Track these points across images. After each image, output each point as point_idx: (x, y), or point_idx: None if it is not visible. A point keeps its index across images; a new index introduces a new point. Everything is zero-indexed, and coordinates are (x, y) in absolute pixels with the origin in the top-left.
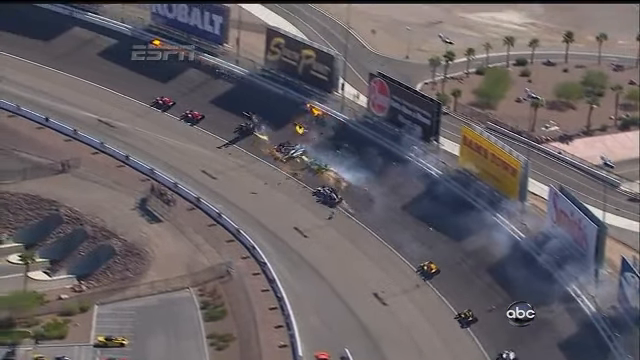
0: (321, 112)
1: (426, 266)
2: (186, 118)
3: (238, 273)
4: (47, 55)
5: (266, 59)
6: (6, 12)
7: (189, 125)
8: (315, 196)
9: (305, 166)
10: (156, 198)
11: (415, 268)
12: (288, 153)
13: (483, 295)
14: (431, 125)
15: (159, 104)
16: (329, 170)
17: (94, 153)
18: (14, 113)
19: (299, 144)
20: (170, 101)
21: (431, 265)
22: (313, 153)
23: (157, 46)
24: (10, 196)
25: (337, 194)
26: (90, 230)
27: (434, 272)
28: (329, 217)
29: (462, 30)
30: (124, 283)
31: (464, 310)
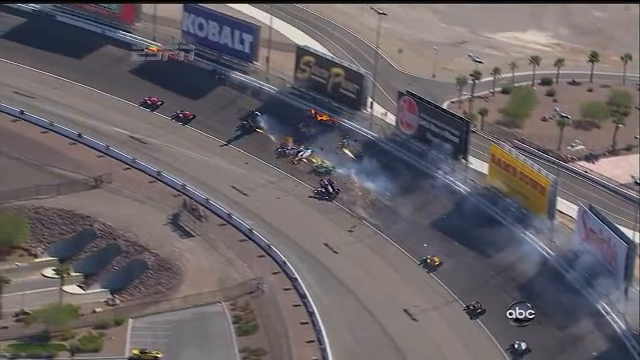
0: (326, 117)
1: (429, 259)
2: (177, 117)
3: (269, 288)
4: (79, 72)
5: (296, 77)
6: (40, 30)
7: (219, 144)
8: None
9: (312, 169)
10: (188, 213)
11: (446, 286)
12: (296, 155)
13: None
14: (459, 143)
15: (147, 104)
16: (336, 172)
17: (126, 169)
18: (47, 129)
19: (303, 145)
20: (158, 100)
21: (435, 258)
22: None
23: (153, 51)
24: (45, 211)
25: (334, 187)
26: (123, 245)
27: (437, 265)
28: (351, 229)
29: (487, 50)
30: (157, 297)
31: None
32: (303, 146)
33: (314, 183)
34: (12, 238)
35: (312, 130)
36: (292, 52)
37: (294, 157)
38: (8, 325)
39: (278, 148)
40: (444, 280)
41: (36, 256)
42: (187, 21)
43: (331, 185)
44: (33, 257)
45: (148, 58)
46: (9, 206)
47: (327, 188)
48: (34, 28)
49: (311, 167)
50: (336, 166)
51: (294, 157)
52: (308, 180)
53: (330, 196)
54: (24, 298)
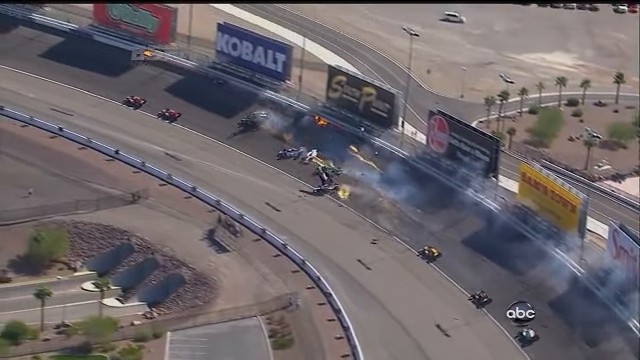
0: (325, 121)
1: (427, 250)
2: (163, 116)
3: (304, 303)
4: (115, 90)
5: (327, 96)
6: (77, 49)
7: (236, 152)
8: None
9: (317, 171)
10: (223, 229)
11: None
12: (299, 156)
13: (543, 328)
14: (490, 161)
15: (130, 102)
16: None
17: (162, 185)
18: (85, 146)
19: (303, 147)
20: (141, 99)
21: (432, 250)
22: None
23: (148, 56)
24: (84, 225)
25: (329, 175)
26: (160, 259)
27: (436, 255)
28: (374, 241)
29: (513, 70)
30: (194, 311)
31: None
32: (303, 148)
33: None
34: (52, 252)
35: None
36: (323, 71)
37: (303, 158)
38: (50, 337)
39: (279, 151)
40: (467, 289)
41: (75, 270)
42: (221, 41)
43: (325, 173)
44: (72, 271)
45: (144, 58)
46: (50, 221)
47: (322, 176)
48: (71, 47)
49: (317, 169)
50: (342, 168)
51: (303, 158)
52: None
53: (324, 183)
54: (64, 311)
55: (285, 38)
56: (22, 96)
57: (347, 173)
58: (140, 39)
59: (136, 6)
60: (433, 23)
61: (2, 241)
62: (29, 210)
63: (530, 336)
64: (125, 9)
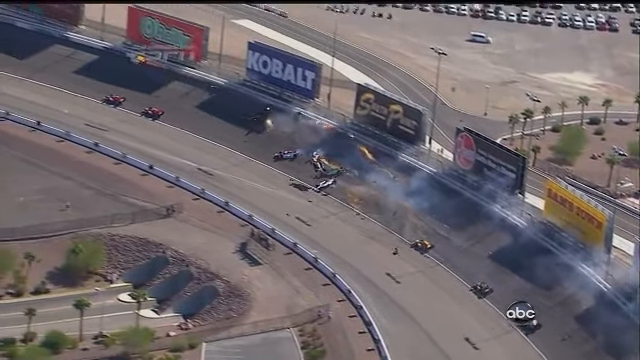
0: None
1: (420, 242)
2: (146, 114)
3: (336, 315)
4: (148, 106)
5: (356, 113)
6: (110, 67)
7: (269, 167)
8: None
9: (321, 173)
10: (256, 242)
11: (504, 315)
12: (295, 157)
13: (570, 341)
14: (516, 178)
15: (109, 101)
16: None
17: (195, 199)
18: (120, 161)
19: (299, 150)
20: (120, 98)
21: (425, 242)
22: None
23: (141, 61)
24: (120, 238)
25: (322, 164)
26: (195, 271)
27: (429, 247)
28: (394, 251)
29: (535, 89)
30: (228, 322)
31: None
32: (299, 149)
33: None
34: (90, 264)
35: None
36: (349, 89)
37: (312, 158)
38: (88, 347)
39: (275, 153)
40: (503, 310)
41: (112, 281)
42: (252, 59)
43: (320, 162)
44: (109, 282)
45: (138, 63)
46: (87, 233)
47: (316, 165)
48: (105, 64)
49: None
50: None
51: (312, 158)
52: (370, 211)
53: (317, 171)
54: (102, 321)
55: (313, 57)
56: (57, 112)
57: (374, 185)
58: (171, 56)
59: (168, 24)
60: (458, 43)
61: (41, 253)
62: (67, 223)
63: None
64: (158, 27)
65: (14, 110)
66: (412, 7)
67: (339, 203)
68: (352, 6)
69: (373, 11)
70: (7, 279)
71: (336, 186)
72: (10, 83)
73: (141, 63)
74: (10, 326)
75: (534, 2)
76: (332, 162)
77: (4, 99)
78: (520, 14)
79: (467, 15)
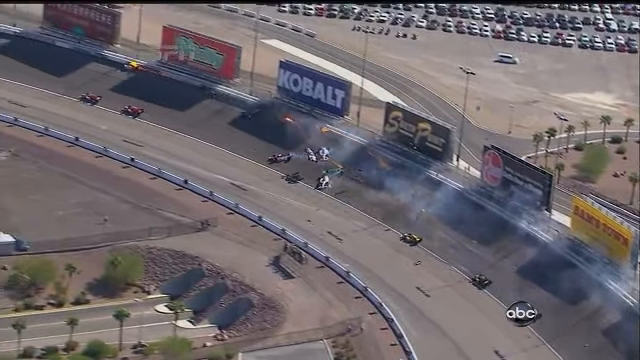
0: (327, 129)
1: (409, 236)
2: (126, 112)
3: (368, 327)
4: (183, 123)
5: (384, 130)
6: (145, 84)
7: (312, 193)
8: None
9: (326, 170)
10: (289, 256)
11: (531, 329)
12: (289, 160)
13: (597, 355)
14: (542, 195)
15: (86, 99)
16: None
17: (229, 213)
18: (156, 175)
19: (292, 152)
20: (96, 96)
21: (413, 236)
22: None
23: (134, 67)
24: (157, 251)
25: (318, 154)
26: (230, 284)
27: (418, 241)
28: (416, 263)
29: (557, 109)
30: (263, 333)
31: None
32: (292, 152)
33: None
34: (128, 275)
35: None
36: (375, 107)
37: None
38: (128, 356)
39: (269, 157)
40: (531, 324)
41: (149, 293)
42: (283, 77)
43: (317, 153)
44: (146, 294)
45: (130, 69)
46: (124, 246)
47: (310, 155)
48: (140, 82)
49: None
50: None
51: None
52: (392, 224)
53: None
54: (141, 331)
55: (340, 76)
56: (95, 128)
57: (402, 200)
58: (205, 75)
59: (202, 43)
60: (482, 62)
61: (80, 265)
62: (105, 236)
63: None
64: (192, 46)
65: (53, 126)
66: (436, 28)
67: (367, 217)
68: (377, 26)
69: (397, 31)
70: (48, 290)
71: (366, 201)
72: (48, 100)
73: (134, 69)
74: (52, 335)
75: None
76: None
77: (43, 114)
78: (541, 35)
79: (489, 36)
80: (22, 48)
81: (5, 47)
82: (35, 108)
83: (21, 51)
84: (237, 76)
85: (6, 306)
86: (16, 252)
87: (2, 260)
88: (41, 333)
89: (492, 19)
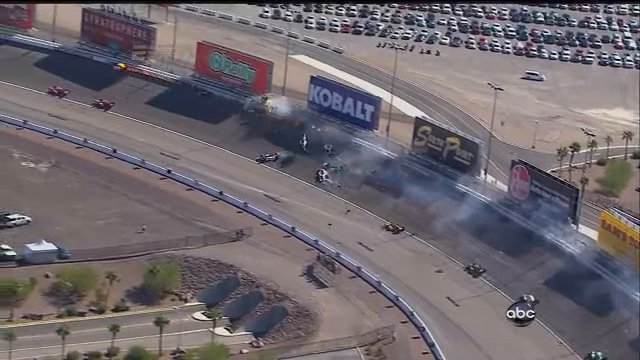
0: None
1: (391, 225)
2: (98, 105)
3: (400, 336)
4: (216, 136)
5: (413, 144)
6: (180, 98)
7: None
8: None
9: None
10: (322, 266)
11: (560, 340)
12: (277, 159)
13: None
14: (569, 208)
15: (53, 92)
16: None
17: (263, 224)
18: (192, 187)
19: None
20: (64, 90)
21: (395, 225)
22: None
23: (122, 68)
24: (193, 260)
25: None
26: (265, 292)
27: (401, 229)
28: (438, 270)
29: (579, 124)
30: (298, 341)
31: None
32: (280, 152)
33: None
34: (166, 284)
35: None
36: (402, 122)
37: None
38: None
39: (257, 157)
40: (560, 334)
41: (186, 301)
42: (313, 92)
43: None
44: (184, 301)
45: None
46: (162, 255)
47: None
48: (176, 96)
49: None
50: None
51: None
52: (427, 237)
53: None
54: (179, 338)
55: (369, 91)
56: (133, 140)
57: (432, 212)
58: (239, 89)
59: (235, 59)
60: (505, 79)
61: (120, 273)
62: (143, 245)
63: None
64: (225, 61)
65: (92, 138)
66: (459, 45)
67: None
68: (401, 43)
69: (422, 48)
70: (89, 297)
71: (394, 212)
72: (86, 112)
73: (122, 69)
74: (94, 341)
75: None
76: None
77: (81, 127)
78: (562, 53)
79: (511, 53)
80: (61, 63)
81: (44, 62)
82: (73, 121)
83: (60, 65)
84: (269, 91)
85: (49, 312)
86: (58, 260)
87: (45, 268)
88: (83, 339)
89: (514, 36)
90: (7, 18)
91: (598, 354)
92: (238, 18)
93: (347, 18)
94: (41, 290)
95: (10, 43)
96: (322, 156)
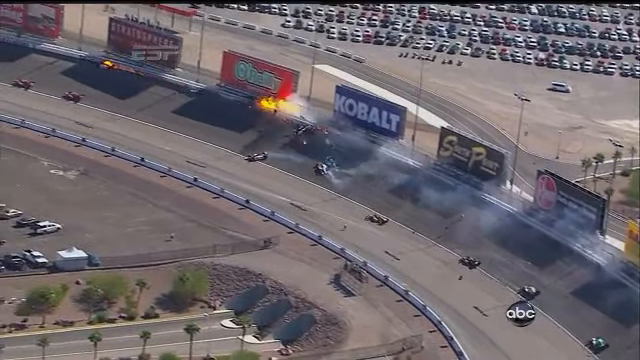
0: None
1: (376, 217)
2: (67, 98)
3: (428, 345)
4: (240, 145)
5: (439, 154)
6: (205, 107)
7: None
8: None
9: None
10: (349, 274)
11: (587, 349)
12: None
13: None
14: (596, 219)
15: (18, 84)
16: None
17: (289, 232)
18: (218, 195)
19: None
20: (29, 82)
21: (379, 216)
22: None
23: (109, 66)
24: (222, 268)
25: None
26: (293, 300)
27: (385, 221)
28: (459, 277)
29: (601, 135)
30: (326, 349)
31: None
32: (267, 151)
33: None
34: (195, 291)
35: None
36: (428, 132)
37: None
38: None
39: (245, 157)
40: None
41: (215, 308)
42: (339, 102)
43: (303, 129)
44: (212, 309)
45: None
46: (190, 262)
47: (298, 135)
48: (201, 105)
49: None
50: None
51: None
52: (453, 247)
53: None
54: (209, 345)
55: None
56: (159, 148)
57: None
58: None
59: (260, 68)
60: (526, 89)
61: (149, 280)
62: (172, 252)
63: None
64: (250, 71)
65: (119, 146)
66: (480, 55)
67: (423, 238)
68: (423, 53)
69: (443, 58)
70: (119, 304)
71: (420, 221)
72: (112, 121)
73: (109, 67)
74: (125, 348)
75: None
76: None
77: (110, 136)
78: (583, 63)
79: (532, 63)
80: (88, 72)
81: (71, 70)
82: (100, 129)
83: (87, 74)
84: (294, 100)
85: (80, 319)
86: (88, 267)
87: (75, 275)
88: (114, 345)
89: (535, 47)
90: (35, 27)
91: (599, 340)
92: (261, 28)
93: (369, 28)
94: (72, 297)
95: (38, 52)
96: (345, 162)
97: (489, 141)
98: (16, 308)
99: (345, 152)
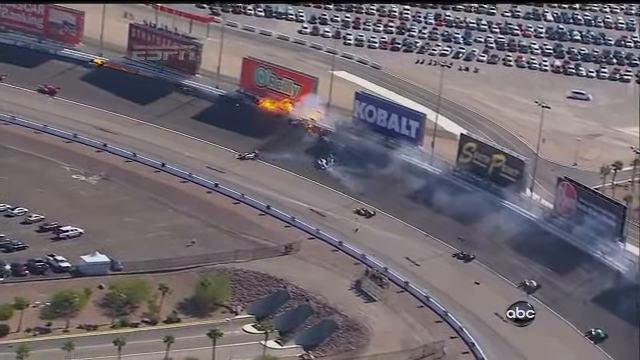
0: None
1: (363, 210)
2: (42, 91)
3: (450, 351)
4: (260, 150)
5: (458, 161)
6: (225, 113)
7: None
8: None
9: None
10: (370, 280)
11: (610, 356)
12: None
13: None
14: (616, 226)
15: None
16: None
17: (310, 238)
18: (239, 201)
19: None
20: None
21: (367, 210)
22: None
23: (98, 64)
24: (243, 273)
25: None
26: (314, 306)
27: (372, 214)
28: (476, 282)
29: (618, 142)
30: (348, 354)
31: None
32: (257, 150)
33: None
34: (216, 296)
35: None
36: (446, 139)
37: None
38: None
39: (236, 156)
40: (607, 351)
41: (236, 313)
42: (358, 108)
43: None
44: (234, 314)
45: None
46: (212, 268)
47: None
48: (220, 111)
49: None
50: None
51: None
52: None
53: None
54: (231, 350)
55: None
56: (179, 154)
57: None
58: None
59: (279, 74)
60: (543, 96)
61: (171, 285)
62: (193, 258)
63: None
64: (270, 77)
65: (140, 152)
66: (496, 62)
67: (444, 245)
68: (439, 60)
69: (460, 65)
70: (142, 308)
71: (439, 228)
72: (133, 127)
73: (99, 65)
74: (148, 352)
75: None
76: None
77: (131, 141)
78: (599, 71)
79: (548, 70)
80: (108, 77)
81: (92, 76)
82: (121, 135)
83: (107, 80)
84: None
85: (103, 323)
86: (111, 272)
87: (98, 279)
88: (138, 349)
89: (551, 54)
90: (56, 33)
91: (599, 331)
92: (278, 34)
93: (385, 35)
94: (95, 301)
95: (59, 57)
96: (364, 168)
97: (507, 148)
98: (40, 312)
99: (362, 157)
